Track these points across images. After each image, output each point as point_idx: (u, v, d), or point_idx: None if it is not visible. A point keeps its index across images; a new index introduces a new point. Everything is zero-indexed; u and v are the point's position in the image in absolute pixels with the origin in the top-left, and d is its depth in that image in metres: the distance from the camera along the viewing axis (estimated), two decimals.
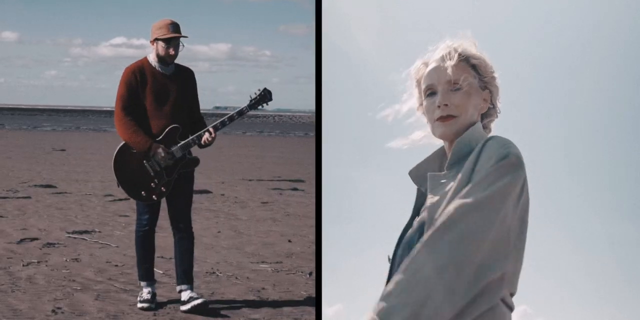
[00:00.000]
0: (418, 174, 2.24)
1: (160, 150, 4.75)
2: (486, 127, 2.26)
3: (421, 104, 2.29)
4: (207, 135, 4.76)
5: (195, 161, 4.93)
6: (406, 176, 2.33)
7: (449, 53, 2.19)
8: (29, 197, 10.34)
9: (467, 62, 2.20)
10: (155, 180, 4.83)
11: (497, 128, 2.30)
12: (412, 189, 2.30)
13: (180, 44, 4.81)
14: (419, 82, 2.27)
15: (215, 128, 4.78)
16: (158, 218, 5.04)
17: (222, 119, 4.80)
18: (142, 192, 4.85)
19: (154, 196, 4.85)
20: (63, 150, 21.62)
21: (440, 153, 2.28)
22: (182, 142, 4.80)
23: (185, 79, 4.92)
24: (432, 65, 2.21)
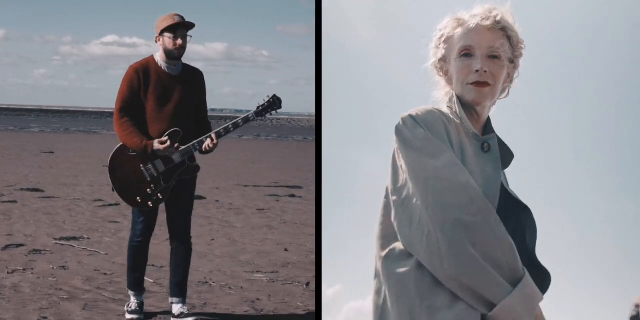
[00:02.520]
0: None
1: (156, 144, 4.63)
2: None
3: (442, 60, 2.31)
4: (208, 141, 4.66)
5: (195, 168, 4.83)
6: None
7: (490, 16, 2.23)
8: (14, 202, 10.33)
9: (505, 32, 2.24)
10: (152, 186, 4.73)
11: (503, 111, 2.34)
12: None
13: (188, 36, 4.71)
14: (447, 39, 2.29)
15: (218, 134, 4.67)
16: (154, 229, 4.95)
17: (225, 125, 4.69)
18: (138, 198, 4.75)
19: (149, 203, 4.76)
20: (51, 152, 21.62)
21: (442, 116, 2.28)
22: (183, 147, 4.70)
23: (192, 80, 4.81)
24: (470, 26, 2.24)
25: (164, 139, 4.66)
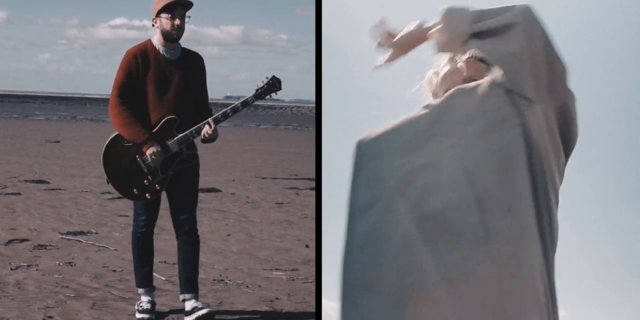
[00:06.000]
0: None
1: (151, 150, 4.73)
2: None
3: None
4: (206, 128, 4.72)
5: (194, 157, 4.90)
6: None
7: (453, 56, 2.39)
8: (18, 194, 10.41)
9: (475, 58, 2.38)
10: (149, 177, 4.81)
11: None
12: None
13: (186, 16, 4.76)
14: (435, 94, 2.45)
15: (216, 120, 4.74)
16: (157, 218, 5.05)
17: (224, 110, 4.76)
18: (134, 190, 4.85)
19: (147, 195, 4.84)
20: (57, 142, 21.76)
21: None
22: (179, 135, 4.76)
23: (192, 65, 4.88)
24: (443, 72, 2.41)
25: (156, 150, 4.72)
